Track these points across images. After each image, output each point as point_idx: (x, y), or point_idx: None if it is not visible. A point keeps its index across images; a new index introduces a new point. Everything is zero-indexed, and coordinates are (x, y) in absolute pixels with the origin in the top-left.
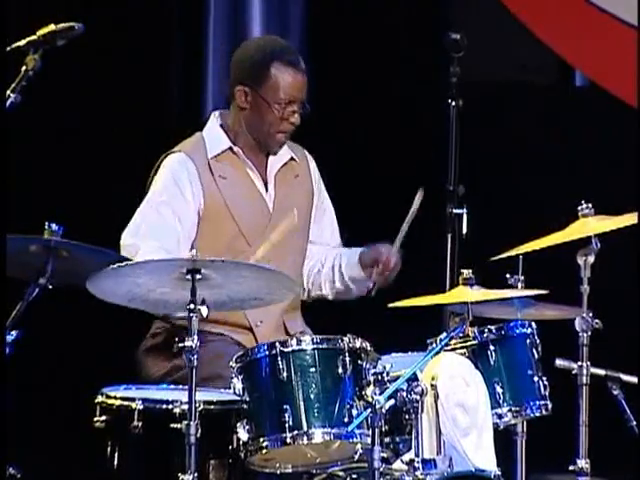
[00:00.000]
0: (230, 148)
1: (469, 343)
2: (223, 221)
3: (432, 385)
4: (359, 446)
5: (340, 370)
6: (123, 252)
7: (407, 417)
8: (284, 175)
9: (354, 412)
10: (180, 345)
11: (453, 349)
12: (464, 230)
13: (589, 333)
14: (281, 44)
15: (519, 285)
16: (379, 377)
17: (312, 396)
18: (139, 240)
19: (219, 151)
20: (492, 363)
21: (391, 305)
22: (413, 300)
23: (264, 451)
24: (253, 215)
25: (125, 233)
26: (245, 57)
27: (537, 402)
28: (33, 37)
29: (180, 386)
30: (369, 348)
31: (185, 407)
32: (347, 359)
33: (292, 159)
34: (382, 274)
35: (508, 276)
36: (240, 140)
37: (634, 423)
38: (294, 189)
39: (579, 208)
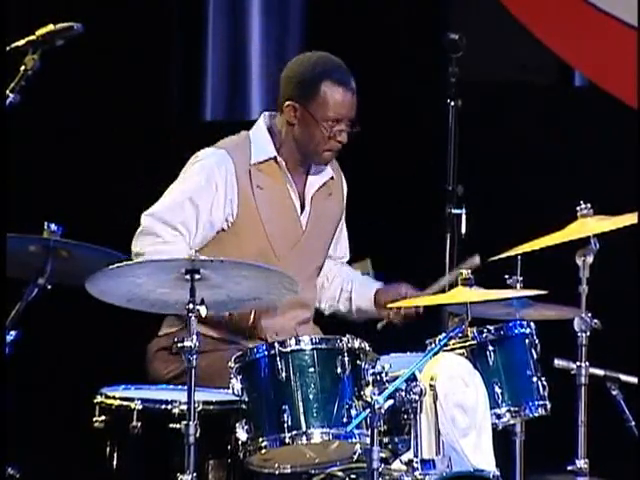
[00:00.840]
0: (274, 158)
1: (468, 343)
2: (253, 232)
3: (431, 385)
4: (358, 446)
5: (339, 370)
6: (139, 234)
7: (406, 417)
8: (321, 194)
9: (353, 412)
10: (180, 345)
11: (452, 349)
12: (463, 230)
13: (588, 333)
14: (333, 62)
15: (518, 286)
16: (378, 377)
17: (311, 396)
18: (157, 229)
19: (263, 159)
20: (491, 363)
21: (390, 305)
22: (412, 300)
23: (263, 451)
24: (285, 231)
25: (147, 214)
26: (296, 73)
27: (536, 402)
28: (32, 37)
29: (180, 386)
30: (368, 348)
31: (184, 407)
32: (346, 359)
33: (331, 178)
34: (398, 314)
35: (507, 277)
36: (285, 151)
37: (633, 423)
38: (327, 208)
39: (578, 208)
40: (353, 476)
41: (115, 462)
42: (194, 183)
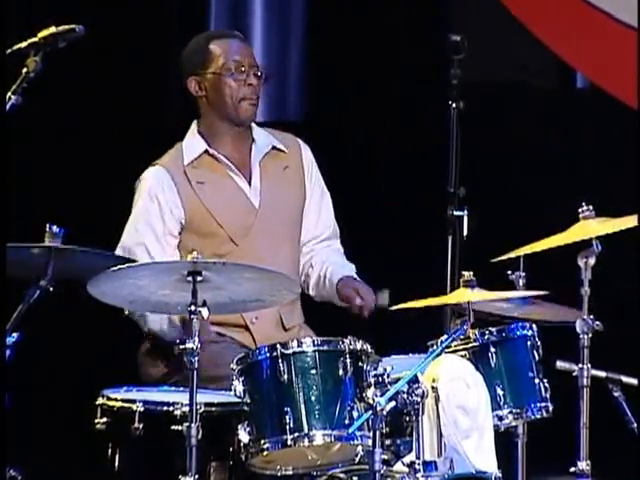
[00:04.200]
0: (206, 151)
1: (470, 345)
2: (207, 226)
3: (433, 387)
4: (360, 448)
5: (341, 372)
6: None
7: (408, 419)
8: (270, 166)
9: (355, 414)
10: (181, 347)
11: (454, 351)
12: (465, 232)
13: (590, 335)
14: (215, 30)
15: (520, 282)
16: (380, 379)
17: (313, 398)
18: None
19: (194, 156)
20: (493, 365)
21: (392, 307)
22: (414, 302)
23: (265, 453)
24: (237, 214)
25: (118, 248)
26: (184, 53)
27: (538, 404)
28: (34, 39)
29: (181, 388)
30: (370, 350)
31: (186, 409)
32: (348, 361)
33: (277, 149)
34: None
35: (509, 272)
36: (216, 139)
37: (635, 425)
38: (283, 181)
39: (580, 210)
40: (355, 478)
41: (117, 464)
42: (141, 206)
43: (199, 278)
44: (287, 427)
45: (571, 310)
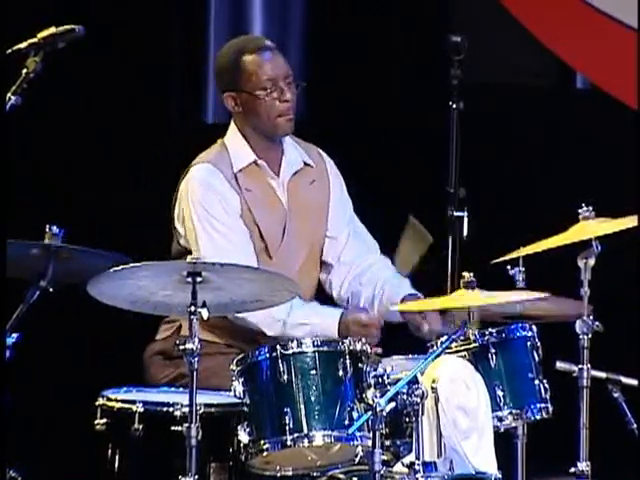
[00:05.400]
0: (254, 162)
1: (470, 346)
2: (252, 234)
3: (433, 388)
4: (360, 449)
5: (341, 373)
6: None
7: (408, 420)
8: (298, 182)
9: (355, 415)
10: (181, 348)
11: (454, 352)
12: (465, 233)
13: (590, 335)
14: (242, 39)
15: (520, 277)
16: (380, 380)
17: (313, 399)
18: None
19: (243, 165)
20: (493, 366)
21: (392, 308)
22: (414, 303)
23: (265, 454)
24: (275, 227)
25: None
26: (218, 66)
27: (538, 405)
28: (34, 39)
29: (181, 389)
30: (370, 351)
31: (186, 410)
32: (348, 362)
33: (306, 164)
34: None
35: (509, 267)
36: (257, 146)
37: (635, 426)
38: (310, 196)
39: (580, 211)
40: (355, 479)
41: (117, 465)
42: (208, 206)
43: (199, 279)
44: (287, 428)
45: (576, 302)
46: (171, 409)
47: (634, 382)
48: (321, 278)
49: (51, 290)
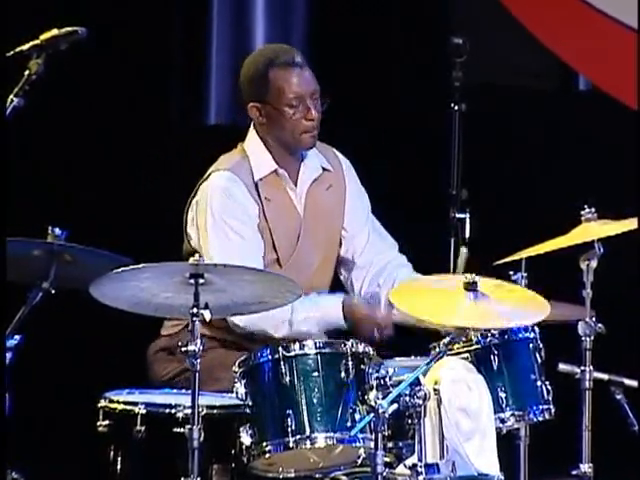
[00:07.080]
0: (275, 171)
1: (472, 348)
2: (265, 244)
3: (435, 389)
4: (362, 450)
5: (343, 374)
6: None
7: (410, 421)
8: (315, 190)
9: (357, 416)
10: (183, 349)
11: (456, 354)
12: (467, 234)
13: (592, 337)
14: (273, 49)
15: (522, 283)
16: (382, 381)
17: (315, 400)
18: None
19: (264, 174)
20: (495, 368)
21: (395, 310)
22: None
23: (267, 455)
24: (288, 237)
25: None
26: (245, 75)
27: (540, 406)
28: (36, 41)
29: (183, 390)
30: (372, 352)
31: (188, 411)
32: (350, 363)
33: (324, 169)
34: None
35: (511, 273)
36: (278, 155)
37: (637, 427)
38: (326, 202)
39: (582, 212)
40: None
41: (119, 466)
42: (224, 211)
43: (201, 280)
44: (289, 429)
45: (576, 307)
46: (173, 411)
47: (636, 384)
48: (342, 277)
49: (53, 292)
